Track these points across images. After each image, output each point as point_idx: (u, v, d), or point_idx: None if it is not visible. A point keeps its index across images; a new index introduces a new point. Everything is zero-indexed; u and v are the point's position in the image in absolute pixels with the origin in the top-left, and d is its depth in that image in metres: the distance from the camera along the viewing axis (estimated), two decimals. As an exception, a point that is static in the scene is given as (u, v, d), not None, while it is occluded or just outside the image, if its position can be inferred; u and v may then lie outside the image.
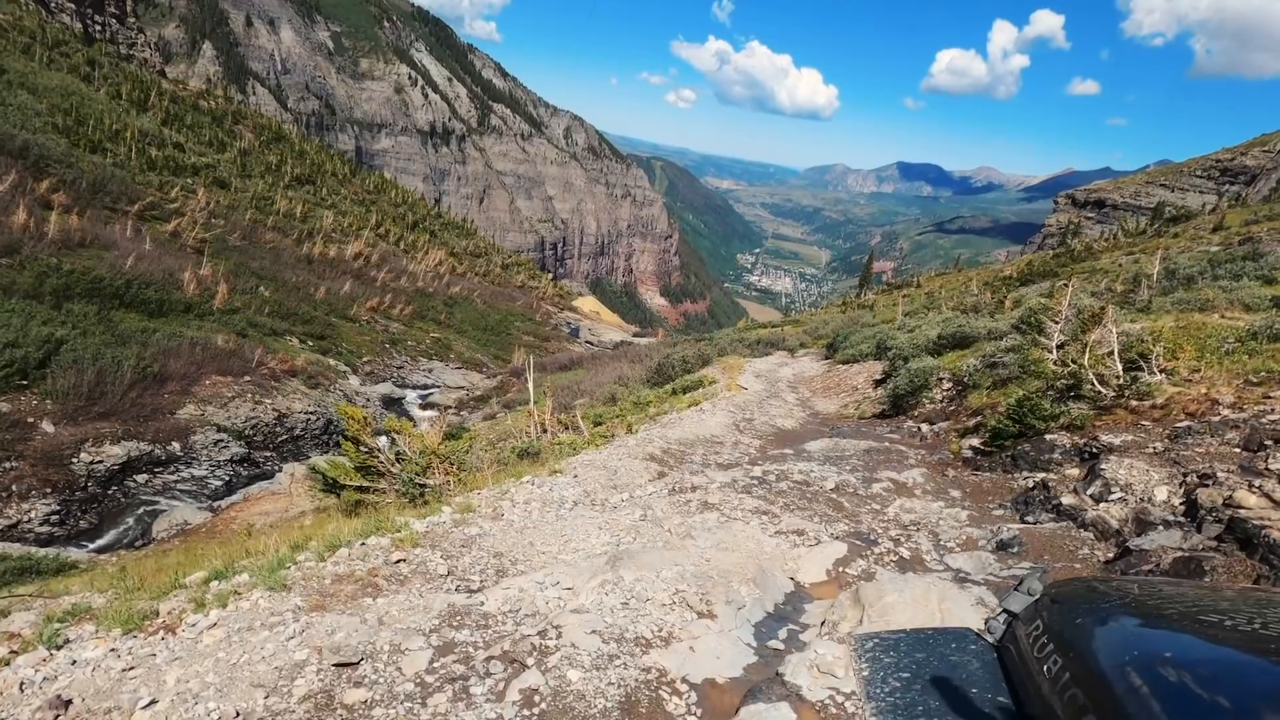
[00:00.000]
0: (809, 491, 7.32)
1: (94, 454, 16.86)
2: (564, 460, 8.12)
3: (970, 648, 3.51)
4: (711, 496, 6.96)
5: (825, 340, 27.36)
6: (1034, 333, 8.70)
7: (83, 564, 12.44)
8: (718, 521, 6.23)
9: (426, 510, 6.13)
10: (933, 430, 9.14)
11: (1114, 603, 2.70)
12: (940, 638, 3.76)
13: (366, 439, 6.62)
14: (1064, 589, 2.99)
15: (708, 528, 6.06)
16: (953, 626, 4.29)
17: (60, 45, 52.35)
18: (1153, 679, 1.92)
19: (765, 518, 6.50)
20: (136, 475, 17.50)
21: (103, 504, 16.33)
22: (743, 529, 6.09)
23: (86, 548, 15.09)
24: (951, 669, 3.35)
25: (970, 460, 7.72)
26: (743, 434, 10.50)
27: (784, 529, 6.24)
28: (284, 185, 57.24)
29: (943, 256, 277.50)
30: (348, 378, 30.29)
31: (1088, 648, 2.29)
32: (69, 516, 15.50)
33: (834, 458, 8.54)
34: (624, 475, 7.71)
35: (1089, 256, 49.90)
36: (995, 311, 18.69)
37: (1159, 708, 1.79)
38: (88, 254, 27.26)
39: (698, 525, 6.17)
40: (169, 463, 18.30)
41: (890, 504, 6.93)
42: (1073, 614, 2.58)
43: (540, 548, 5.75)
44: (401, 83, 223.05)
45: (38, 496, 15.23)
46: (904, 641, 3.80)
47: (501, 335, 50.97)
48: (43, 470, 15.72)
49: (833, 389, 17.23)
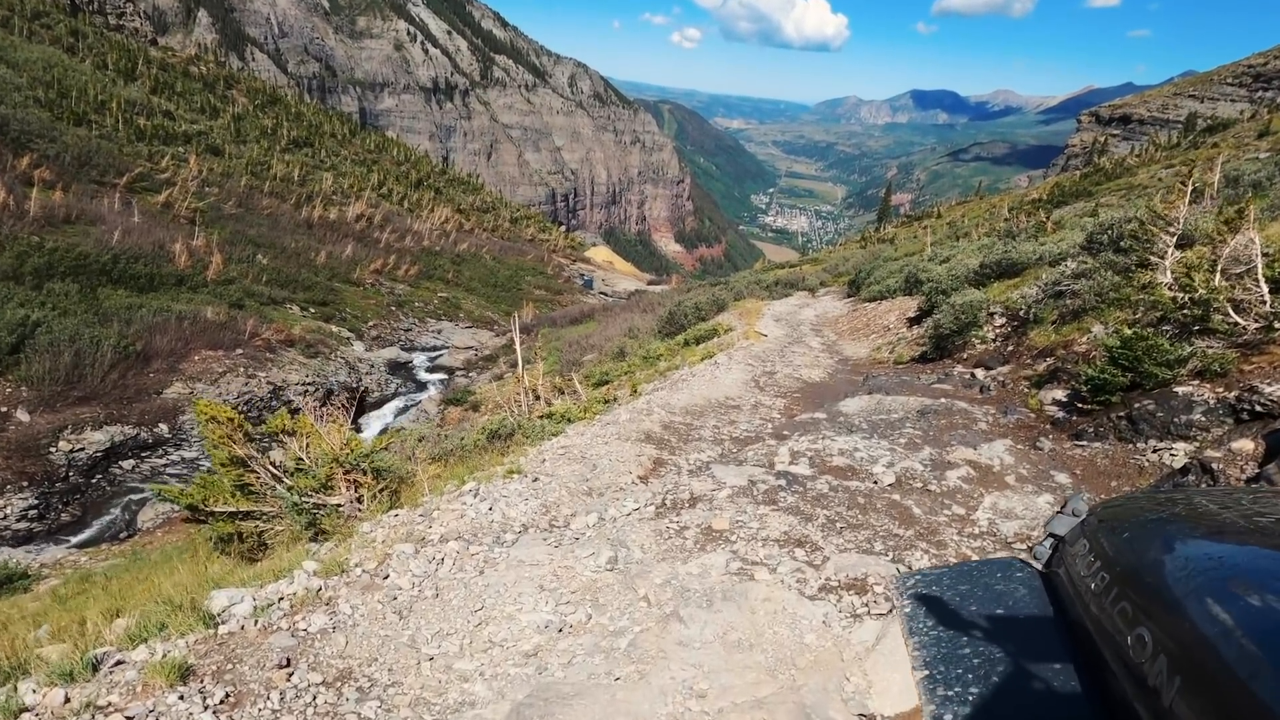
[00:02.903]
0: (860, 491, 5.24)
1: (74, 441, 15.90)
2: (535, 447, 6.58)
3: (1017, 575, 3.43)
4: (719, 517, 4.88)
5: (847, 277, 25.68)
6: (1137, 249, 6.90)
7: (47, 569, 11.46)
8: (726, 574, 4.16)
9: (292, 558, 4.36)
10: (993, 378, 7.51)
11: (1160, 517, 2.63)
12: (985, 568, 3.67)
13: (239, 447, 5.22)
14: (1110, 508, 2.90)
15: (709, 596, 3.91)
16: (998, 556, 4.06)
17: (41, 16, 50.53)
18: (1206, 580, 1.90)
19: (801, 555, 4.38)
20: (122, 462, 16.56)
21: (86, 495, 15.41)
22: (766, 592, 3.91)
23: (69, 543, 14.21)
24: (996, 598, 3.29)
25: (1063, 423, 5.85)
26: (763, 391, 8.95)
27: (832, 579, 4.08)
28: (280, 149, 55.58)
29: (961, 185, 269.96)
30: (351, 344, 29.21)
31: (1136, 560, 2.25)
32: (49, 510, 14.59)
33: (881, 424, 6.65)
34: (605, 470, 5.81)
35: (1123, 173, 47.16)
36: (1037, 233, 16.92)
37: (1214, 606, 1.77)
38: (73, 230, 26.15)
39: (694, 586, 4.04)
40: (157, 446, 17.35)
41: (978, 506, 4.94)
42: (1118, 530, 2.54)
43: (427, 648, 3.56)
44: (401, 39, 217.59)
45: (13, 491, 14.31)
46: (947, 576, 3.71)
47: (512, 291, 49.59)
48: (17, 462, 14.77)
49: (861, 330, 15.73)
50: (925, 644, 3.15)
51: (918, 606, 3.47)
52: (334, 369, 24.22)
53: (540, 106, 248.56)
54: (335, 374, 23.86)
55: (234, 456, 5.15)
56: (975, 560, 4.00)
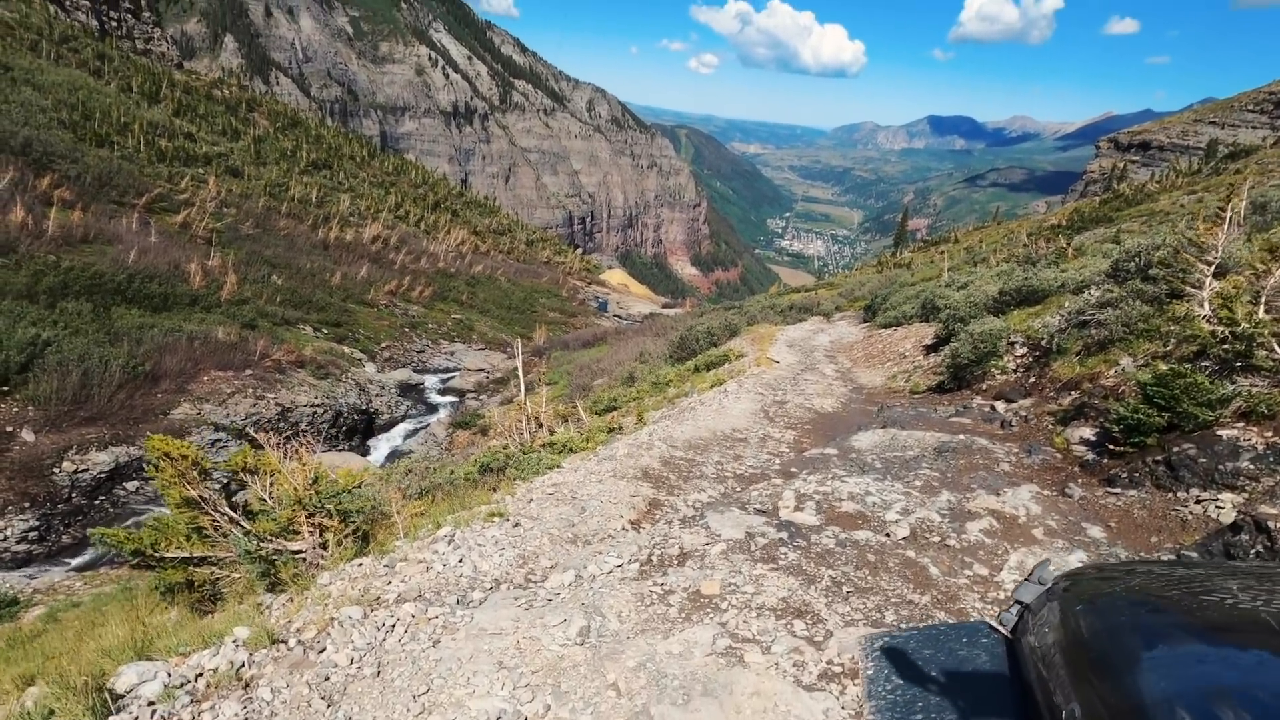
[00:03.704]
0: (870, 546, 4.71)
1: (78, 462, 15.77)
2: (525, 484, 6.17)
3: (981, 641, 3.39)
4: (709, 579, 4.30)
5: (863, 302, 25.32)
6: (1169, 278, 6.47)
7: (40, 594, 11.24)
8: (712, 653, 3.59)
9: (227, 619, 3.84)
10: (1014, 412, 7.10)
11: (1125, 593, 2.45)
12: (952, 633, 3.61)
13: (193, 488, 4.87)
14: (1076, 580, 2.76)
15: (687, 689, 3.31)
16: (966, 621, 3.93)
17: (69, 41, 51.57)
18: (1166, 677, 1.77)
19: (800, 628, 3.87)
20: (126, 483, 16.41)
21: (88, 516, 15.24)
22: (756, 683, 3.33)
23: (68, 565, 14.02)
24: (959, 663, 3.24)
25: (1093, 466, 5.37)
26: (772, 423, 8.57)
27: (834, 661, 3.57)
28: (299, 171, 56.21)
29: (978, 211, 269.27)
30: (363, 365, 29.13)
31: (1099, 643, 2.08)
32: (50, 532, 14.43)
33: (895, 463, 6.18)
34: (595, 513, 5.31)
35: (1144, 199, 46.59)
36: (1058, 260, 16.51)
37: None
38: (90, 249, 26.37)
39: (672, 671, 3.45)
40: (162, 467, 17.15)
41: (1003, 565, 4.46)
42: (1080, 606, 2.39)
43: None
44: (422, 64, 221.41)
45: (15, 512, 14.16)
46: (914, 638, 3.64)
47: (526, 313, 49.56)
48: (20, 483, 14.63)
49: (876, 357, 15.35)
50: (881, 708, 3.11)
51: (880, 669, 3.39)
52: (344, 391, 24.08)
53: (558, 130, 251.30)
54: (345, 396, 23.72)
55: (187, 498, 4.84)
56: (944, 624, 3.88)
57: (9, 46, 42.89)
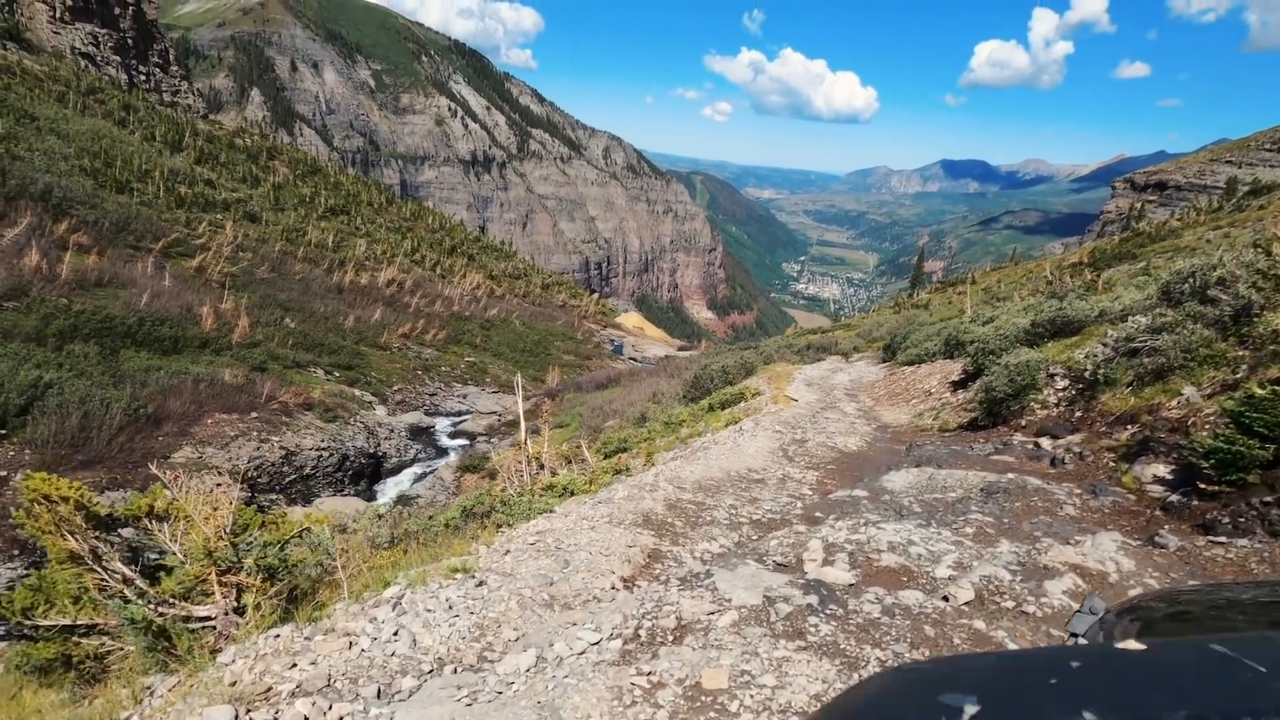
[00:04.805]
0: (926, 614, 3.72)
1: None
2: (510, 530, 5.34)
3: None
4: (714, 666, 3.23)
5: (881, 343, 24.60)
6: (1263, 291, 5.74)
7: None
8: None
9: (94, 714, 3.08)
10: (1064, 449, 6.33)
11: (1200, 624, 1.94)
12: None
13: (75, 540, 4.17)
14: (1135, 605, 2.27)
15: None
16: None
17: (96, 93, 52.91)
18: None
19: None
20: (122, 529, 15.81)
21: (78, 564, 14.64)
22: None
23: (53, 616, 13.38)
24: None
25: (1180, 509, 4.54)
26: (792, 462, 7.80)
27: None
28: (317, 216, 56.79)
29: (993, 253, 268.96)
30: (373, 408, 28.67)
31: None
32: (37, 581, 13.81)
33: (938, 506, 5.30)
34: (580, 568, 4.37)
35: (1167, 235, 45.85)
36: (1087, 293, 15.80)
37: None
38: (103, 293, 26.35)
39: None
40: (159, 512, 16.62)
41: None
42: (1138, 635, 1.92)
43: None
44: (442, 115, 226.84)
45: (3, 560, 13.60)
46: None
47: (540, 356, 49.19)
48: (9, 530, 14.09)
49: (899, 395, 14.61)
50: None
51: None
52: (351, 434, 23.57)
53: (575, 177, 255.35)
54: (352, 439, 23.21)
55: (72, 551, 4.18)
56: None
57: (37, 98, 43.96)
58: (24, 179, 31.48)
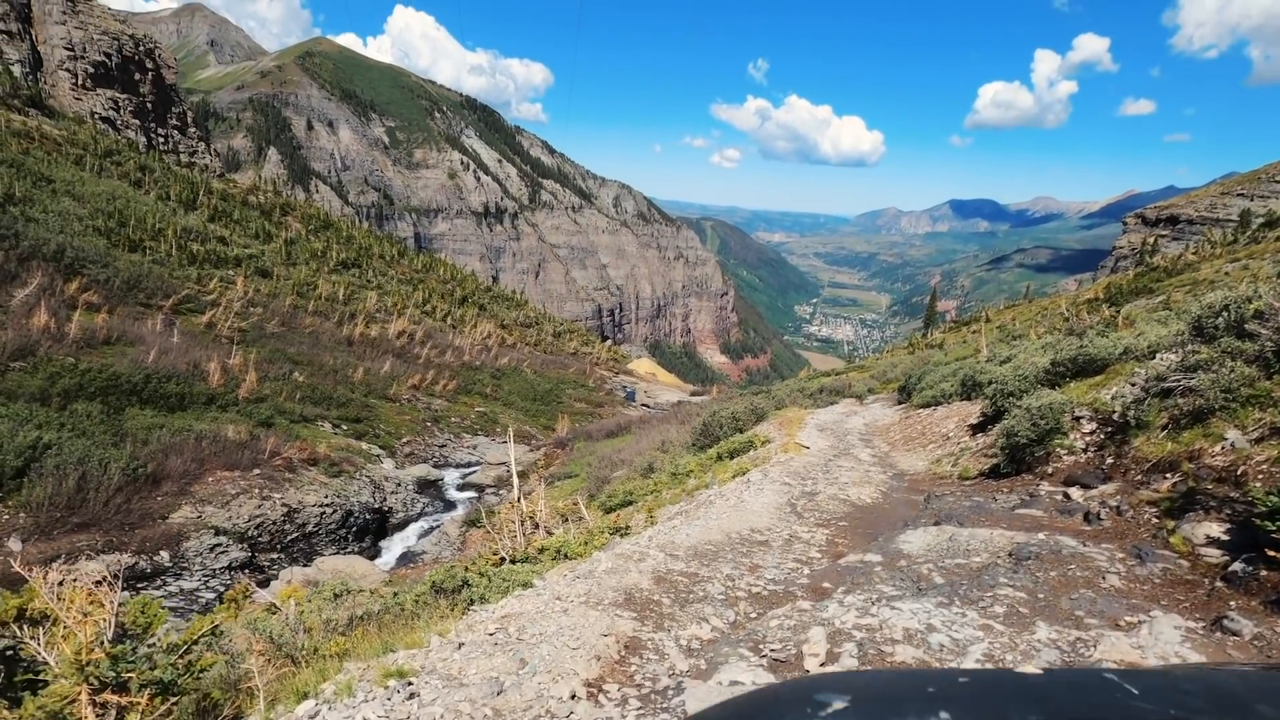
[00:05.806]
0: None
1: (65, 573, 14.74)
2: (476, 613, 4.51)
3: None
4: None
5: (896, 384, 24.02)
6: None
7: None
8: None
9: None
10: (1099, 502, 5.71)
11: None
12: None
13: None
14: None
15: None
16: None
17: (113, 155, 54.09)
18: None
19: None
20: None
21: (68, 632, 14.12)
22: None
23: (37, 689, 12.83)
24: None
25: (1244, 580, 3.84)
26: (801, 519, 7.19)
27: None
28: (329, 270, 57.26)
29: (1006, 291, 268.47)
30: (380, 461, 28.26)
31: None
32: (23, 651, 13.30)
33: (961, 576, 4.71)
34: (539, 669, 3.59)
35: (1185, 269, 45.23)
36: (1107, 330, 15.24)
37: None
38: (111, 351, 26.34)
39: None
40: (155, 576, 16.16)
41: None
42: None
43: None
44: (454, 168, 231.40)
45: (-12, 629, 13.10)
46: None
47: (551, 404, 48.78)
48: None
49: (916, 439, 14.03)
50: None
51: None
52: (356, 489, 23.11)
53: (586, 226, 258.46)
54: (357, 494, 22.74)
55: None
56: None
57: (55, 161, 44.91)
58: (37, 240, 31.85)
